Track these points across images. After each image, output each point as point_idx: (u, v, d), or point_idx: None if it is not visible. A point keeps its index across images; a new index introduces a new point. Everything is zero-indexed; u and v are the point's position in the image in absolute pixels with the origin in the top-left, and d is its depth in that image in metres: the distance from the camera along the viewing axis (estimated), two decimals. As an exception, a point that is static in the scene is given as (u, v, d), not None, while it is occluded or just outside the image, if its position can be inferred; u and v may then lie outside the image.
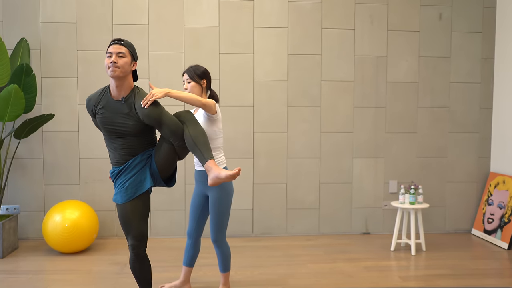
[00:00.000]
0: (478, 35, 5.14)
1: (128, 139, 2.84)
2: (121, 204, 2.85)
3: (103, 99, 2.85)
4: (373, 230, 5.16)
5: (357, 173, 5.10)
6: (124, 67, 2.73)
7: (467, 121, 5.19)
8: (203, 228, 3.45)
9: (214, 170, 2.69)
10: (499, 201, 4.89)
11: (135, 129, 2.81)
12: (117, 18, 4.78)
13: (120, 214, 2.86)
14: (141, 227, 2.86)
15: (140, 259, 2.92)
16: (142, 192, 2.86)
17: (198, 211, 3.39)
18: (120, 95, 2.81)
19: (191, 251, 3.45)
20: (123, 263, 4.13)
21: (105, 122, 2.84)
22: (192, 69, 3.24)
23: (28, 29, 4.71)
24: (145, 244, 2.90)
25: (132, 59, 2.80)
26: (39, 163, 4.79)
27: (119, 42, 2.77)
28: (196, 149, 2.75)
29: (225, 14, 4.87)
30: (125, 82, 2.79)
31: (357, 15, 5.00)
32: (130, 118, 2.79)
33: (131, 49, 2.81)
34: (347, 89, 5.04)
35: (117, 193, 2.88)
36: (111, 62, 2.71)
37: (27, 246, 4.61)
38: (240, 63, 4.90)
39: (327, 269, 4.01)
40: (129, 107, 2.79)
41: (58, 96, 4.77)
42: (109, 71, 2.72)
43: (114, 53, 2.73)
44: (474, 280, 3.76)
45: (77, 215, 4.31)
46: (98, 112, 2.86)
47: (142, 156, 2.88)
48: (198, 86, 3.23)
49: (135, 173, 2.86)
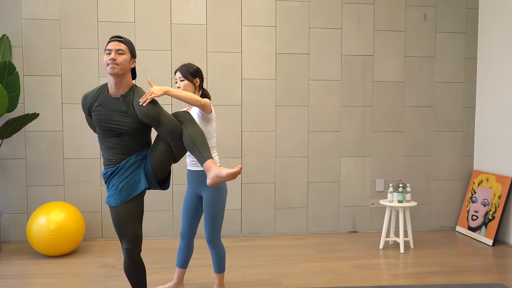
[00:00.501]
0: (461, 36, 5.23)
1: (123, 138, 2.77)
2: (115, 206, 2.77)
3: (100, 96, 2.78)
4: (360, 228, 5.20)
5: (345, 172, 5.13)
6: (123, 64, 2.68)
7: (451, 120, 5.28)
8: (196, 229, 3.40)
9: (214, 169, 2.65)
10: (483, 199, 4.99)
11: (132, 128, 2.74)
12: (102, 15, 4.68)
13: (114, 217, 2.78)
14: (136, 230, 2.79)
15: (135, 262, 2.85)
16: (136, 194, 2.79)
17: (191, 211, 3.35)
18: (119, 92, 2.74)
19: (184, 252, 3.40)
20: (111, 266, 4.05)
21: (101, 119, 2.76)
22: (185, 67, 3.20)
23: (10, 25, 4.56)
24: (139, 247, 2.84)
25: (131, 56, 2.75)
26: (22, 164, 4.65)
27: (119, 39, 2.72)
28: (194, 148, 2.71)
29: (213, 12, 4.83)
30: (124, 80, 2.73)
31: (344, 14, 5.03)
32: (127, 116, 2.73)
33: (131, 47, 2.77)
34: (334, 88, 5.06)
35: (111, 195, 2.80)
36: (110, 59, 2.65)
37: (10, 250, 4.47)
38: (228, 62, 4.87)
39: (318, 268, 4.01)
40: (127, 105, 2.73)
41: (41, 95, 4.64)
42: (108, 68, 2.66)
43: (113, 50, 2.68)
44: (463, 277, 3.82)
45: (62, 217, 4.20)
46: (95, 110, 2.77)
47: (137, 156, 2.81)
48: (191, 85, 3.19)
49: (129, 174, 2.79)
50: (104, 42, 4.69)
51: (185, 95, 2.88)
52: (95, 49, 4.69)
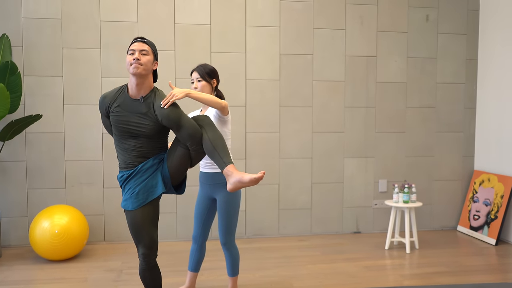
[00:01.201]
0: (462, 37, 5.27)
1: (141, 141, 2.72)
2: (131, 211, 2.72)
3: (119, 97, 2.72)
4: (364, 229, 5.21)
5: (348, 173, 5.13)
6: (147, 64, 2.64)
7: (452, 121, 5.31)
8: (208, 232, 3.36)
9: (236, 175, 2.61)
10: (484, 199, 5.04)
11: (151, 131, 2.69)
12: (105, 15, 4.60)
13: (130, 222, 2.73)
14: (152, 234, 2.74)
15: (151, 267, 2.80)
16: (153, 198, 2.73)
17: (204, 214, 3.29)
18: (139, 94, 2.69)
19: (196, 256, 3.35)
20: (118, 270, 3.98)
21: (120, 121, 2.70)
22: (202, 68, 3.15)
23: (10, 24, 4.46)
24: (156, 252, 2.78)
25: (154, 58, 2.71)
26: (22, 166, 4.55)
27: (142, 40, 2.69)
28: (215, 153, 2.66)
29: (217, 12, 4.78)
30: (145, 81, 2.68)
31: (348, 15, 5.02)
32: (147, 119, 2.68)
33: (154, 48, 2.73)
34: (338, 89, 5.05)
35: (127, 199, 2.74)
36: (134, 59, 2.61)
37: (11, 255, 4.37)
38: (232, 62, 4.83)
39: (327, 270, 4.00)
40: (148, 107, 2.68)
41: (42, 96, 4.54)
42: (131, 68, 2.62)
43: (137, 50, 2.64)
44: (472, 277, 3.85)
45: (66, 221, 4.11)
46: (113, 111, 2.72)
47: (154, 160, 2.76)
48: (209, 86, 3.15)
49: (146, 178, 2.73)
50: (107, 42, 4.61)
51: (206, 97, 2.85)
52: (97, 49, 4.60)
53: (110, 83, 4.64)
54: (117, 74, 4.64)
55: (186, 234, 4.83)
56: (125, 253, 4.42)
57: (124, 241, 4.75)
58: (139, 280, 3.74)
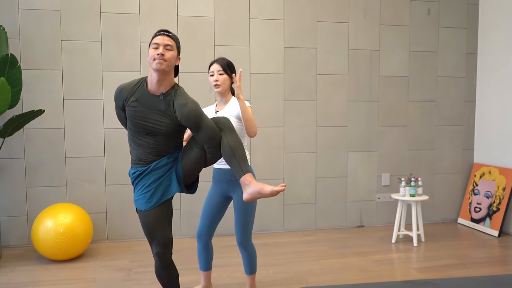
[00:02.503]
0: (463, 31, 5.30)
1: (157, 138, 2.61)
2: (145, 210, 2.63)
3: (138, 91, 2.59)
4: (367, 222, 5.21)
5: (352, 167, 5.12)
6: (171, 60, 2.52)
7: (452, 114, 5.35)
8: (214, 230, 3.24)
9: (254, 185, 2.52)
10: (485, 191, 5.10)
11: (169, 129, 2.58)
12: (106, 6, 4.45)
13: (143, 221, 2.64)
14: (166, 233, 2.65)
15: (166, 266, 2.71)
16: (168, 197, 2.65)
17: (214, 212, 3.19)
18: (159, 90, 2.57)
19: (204, 255, 3.25)
20: (126, 269, 3.87)
21: (136, 116, 2.58)
22: (224, 61, 3.05)
23: (6, 16, 4.27)
24: (170, 250, 2.70)
25: (177, 53, 2.59)
26: (21, 164, 4.37)
27: (167, 34, 2.55)
28: (233, 160, 2.57)
29: (220, 4, 4.68)
30: (167, 77, 2.56)
31: (351, 8, 4.99)
32: (165, 117, 2.56)
33: (178, 43, 2.61)
34: (341, 82, 5.02)
35: (140, 198, 2.64)
36: (158, 54, 2.48)
37: (11, 255, 4.20)
38: (236, 56, 4.74)
39: (340, 265, 3.98)
40: (167, 104, 2.56)
41: (40, 90, 4.37)
42: (155, 63, 2.48)
43: (161, 45, 2.51)
44: (484, 269, 3.88)
45: (70, 219, 3.98)
46: (130, 105, 2.59)
47: (169, 158, 2.65)
48: (229, 80, 3.06)
49: (160, 177, 2.63)
50: (108, 34, 4.46)
51: (249, 110, 2.92)
52: (98, 42, 4.45)
53: (111, 76, 4.49)
54: (119, 68, 4.50)
55: (190, 231, 4.74)
56: (130, 252, 4.31)
57: (127, 239, 4.63)
58: (149, 279, 3.65)
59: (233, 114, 3.02)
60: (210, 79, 3.06)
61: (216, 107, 3.14)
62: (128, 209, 4.61)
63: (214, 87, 3.04)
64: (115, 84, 4.48)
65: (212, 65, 3.07)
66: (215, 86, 3.03)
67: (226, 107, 3.07)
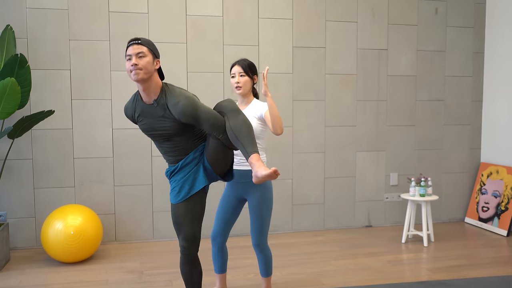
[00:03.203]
0: (470, 30, 5.30)
1: (174, 140, 2.64)
2: (174, 204, 2.69)
3: (137, 106, 2.65)
4: (375, 222, 5.20)
5: (360, 167, 5.11)
6: (146, 67, 2.48)
7: (460, 114, 5.35)
8: (229, 233, 3.21)
9: (255, 168, 2.44)
10: (493, 190, 5.10)
11: (176, 129, 2.58)
12: (114, 5, 4.40)
13: (172, 214, 2.71)
14: (193, 229, 2.67)
15: (189, 261, 2.72)
16: (195, 191, 2.66)
17: (228, 214, 3.16)
18: (151, 98, 2.57)
19: (220, 258, 3.22)
20: (138, 271, 3.84)
21: (147, 129, 2.66)
22: (245, 63, 3.01)
23: (13, 15, 4.21)
24: (196, 247, 2.71)
25: (153, 57, 2.55)
26: (28, 165, 4.32)
27: (137, 42, 2.52)
28: (238, 143, 2.50)
29: (229, 3, 4.65)
30: (151, 84, 2.54)
31: (359, 8, 4.97)
32: (167, 120, 2.57)
33: (151, 47, 2.56)
34: (350, 82, 5.01)
35: (171, 192, 2.73)
36: (132, 65, 2.47)
37: (20, 257, 4.15)
38: (245, 56, 4.69)
39: (352, 265, 3.97)
40: (163, 108, 2.56)
41: (48, 90, 4.32)
42: (132, 75, 2.48)
43: (133, 55, 2.48)
44: (495, 269, 3.88)
45: (80, 221, 3.94)
46: (138, 120, 2.68)
47: (195, 153, 2.68)
48: (250, 81, 3.03)
49: (188, 172, 2.67)
50: (116, 34, 4.42)
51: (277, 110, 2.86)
52: (107, 41, 4.41)
53: (119, 76, 4.45)
54: (127, 68, 4.45)
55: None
56: (139, 253, 4.28)
57: (136, 240, 4.60)
58: (163, 281, 3.62)
59: (255, 115, 2.99)
60: (232, 81, 3.03)
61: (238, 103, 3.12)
62: (136, 210, 4.57)
63: (236, 89, 3.01)
64: (124, 84, 4.44)
65: (234, 66, 3.04)
66: (236, 88, 3.01)
67: (247, 108, 3.05)
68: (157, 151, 4.56)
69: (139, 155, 4.54)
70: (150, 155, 4.57)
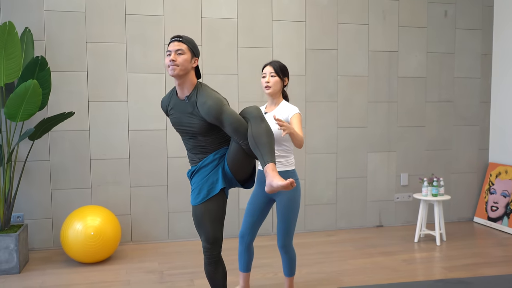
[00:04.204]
0: (478, 32, 5.38)
1: (198, 139, 2.72)
2: (194, 205, 2.75)
3: (172, 100, 2.76)
4: (386, 222, 5.26)
5: (371, 167, 5.17)
6: (183, 64, 2.59)
7: (468, 115, 5.43)
8: (256, 232, 3.27)
9: (269, 177, 2.50)
10: (502, 190, 5.18)
11: (202, 128, 2.65)
12: (130, 8, 4.44)
13: (193, 215, 2.78)
14: (213, 230, 2.72)
15: (212, 262, 2.77)
16: (214, 193, 2.72)
17: (257, 213, 3.21)
18: (184, 94, 2.68)
19: (246, 256, 3.27)
20: (158, 271, 3.87)
21: (175, 123, 2.76)
22: (277, 64, 3.06)
23: (31, 18, 4.23)
24: (217, 248, 2.75)
25: (192, 55, 2.64)
26: (45, 166, 4.35)
27: (178, 39, 2.62)
28: (256, 150, 2.56)
29: (243, 6, 4.70)
30: (186, 80, 2.64)
31: (371, 10, 5.04)
32: (194, 117, 2.65)
33: (191, 45, 2.65)
34: (361, 84, 5.07)
35: (191, 194, 2.80)
36: (170, 61, 2.57)
37: (38, 258, 4.18)
38: (259, 57, 4.76)
39: (369, 264, 4.02)
40: (192, 105, 2.65)
41: (65, 92, 4.35)
42: (169, 70, 2.59)
43: (173, 51, 2.60)
44: (510, 267, 3.95)
45: (99, 222, 3.97)
46: (170, 113, 2.79)
47: (215, 155, 2.74)
48: (281, 82, 3.07)
49: (208, 174, 2.73)
50: (133, 35, 4.45)
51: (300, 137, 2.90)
52: (123, 43, 4.44)
53: (136, 78, 4.49)
54: (143, 70, 4.50)
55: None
56: (157, 254, 4.31)
57: (152, 241, 4.63)
58: (185, 281, 3.66)
59: (281, 117, 3.04)
60: (262, 81, 3.08)
61: (265, 108, 3.17)
62: (152, 210, 4.61)
63: (265, 89, 3.06)
64: (140, 85, 4.48)
65: (266, 67, 3.09)
66: (266, 88, 3.05)
67: (275, 109, 3.09)
68: (173, 153, 4.60)
69: (154, 156, 4.58)
70: (165, 156, 4.60)
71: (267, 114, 3.11)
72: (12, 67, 3.77)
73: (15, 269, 3.78)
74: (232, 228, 4.81)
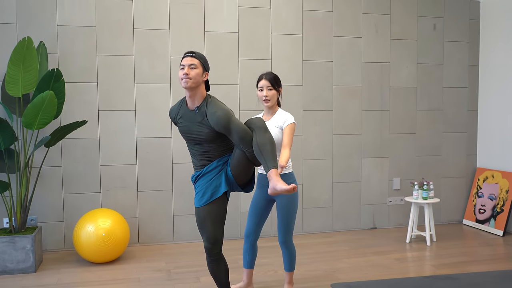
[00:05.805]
0: (465, 44, 5.70)
1: (204, 146, 2.98)
2: (198, 207, 3.02)
3: (181, 109, 3.02)
4: (379, 224, 5.54)
5: (365, 172, 5.45)
6: (195, 78, 2.86)
7: (457, 122, 5.73)
8: (260, 231, 3.54)
9: (272, 181, 2.80)
10: (489, 193, 5.47)
11: (209, 137, 2.93)
12: (138, 23, 4.73)
13: (196, 216, 3.04)
14: (214, 231, 2.98)
15: (214, 260, 3.04)
16: (217, 196, 2.99)
17: (260, 214, 3.48)
18: (194, 104, 2.95)
19: (250, 254, 3.54)
20: (166, 269, 4.12)
21: (184, 131, 3.02)
22: (272, 76, 3.32)
23: (45, 32, 4.51)
24: (218, 247, 3.01)
25: (203, 70, 2.93)
26: (58, 172, 4.60)
27: (191, 55, 2.91)
28: (261, 157, 2.86)
29: (244, 21, 4.99)
30: (197, 92, 2.92)
31: (364, 24, 5.35)
32: (203, 126, 2.92)
33: (203, 61, 2.94)
34: (355, 93, 5.37)
35: (195, 196, 3.06)
36: (184, 74, 2.84)
37: (52, 259, 4.42)
38: (258, 69, 5.04)
39: (363, 263, 4.29)
40: (202, 115, 2.92)
41: (77, 102, 4.62)
42: (182, 82, 2.86)
43: (186, 65, 2.87)
44: (495, 265, 4.23)
45: (110, 223, 4.22)
46: (178, 122, 3.04)
47: (218, 162, 3.02)
48: (277, 94, 3.35)
49: (211, 179, 3.00)
50: (140, 49, 4.73)
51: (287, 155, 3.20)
52: (131, 56, 4.72)
53: (143, 89, 4.76)
54: (150, 80, 4.77)
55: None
56: (163, 254, 4.56)
57: (158, 242, 4.88)
58: (192, 278, 3.91)
59: (278, 125, 3.31)
60: (259, 94, 3.34)
61: (262, 117, 3.44)
62: (158, 213, 4.86)
63: (264, 102, 3.33)
64: (147, 95, 4.75)
65: (261, 80, 3.34)
66: (265, 101, 3.32)
67: (272, 118, 3.37)
68: (178, 159, 4.87)
69: (160, 162, 4.84)
70: (171, 162, 4.87)
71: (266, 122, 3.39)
72: (29, 78, 4.04)
73: (31, 268, 4.03)
74: (234, 230, 5.08)
